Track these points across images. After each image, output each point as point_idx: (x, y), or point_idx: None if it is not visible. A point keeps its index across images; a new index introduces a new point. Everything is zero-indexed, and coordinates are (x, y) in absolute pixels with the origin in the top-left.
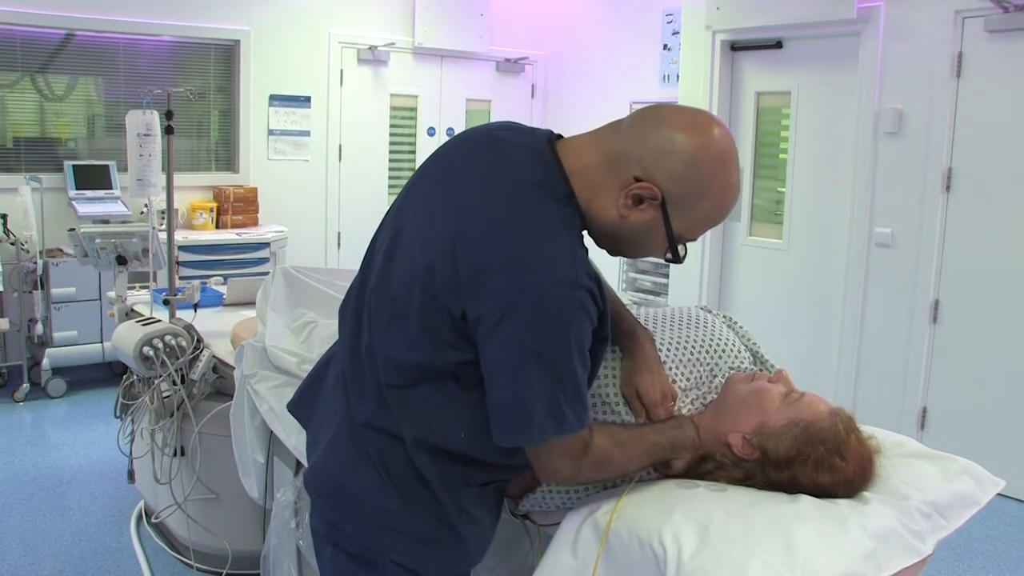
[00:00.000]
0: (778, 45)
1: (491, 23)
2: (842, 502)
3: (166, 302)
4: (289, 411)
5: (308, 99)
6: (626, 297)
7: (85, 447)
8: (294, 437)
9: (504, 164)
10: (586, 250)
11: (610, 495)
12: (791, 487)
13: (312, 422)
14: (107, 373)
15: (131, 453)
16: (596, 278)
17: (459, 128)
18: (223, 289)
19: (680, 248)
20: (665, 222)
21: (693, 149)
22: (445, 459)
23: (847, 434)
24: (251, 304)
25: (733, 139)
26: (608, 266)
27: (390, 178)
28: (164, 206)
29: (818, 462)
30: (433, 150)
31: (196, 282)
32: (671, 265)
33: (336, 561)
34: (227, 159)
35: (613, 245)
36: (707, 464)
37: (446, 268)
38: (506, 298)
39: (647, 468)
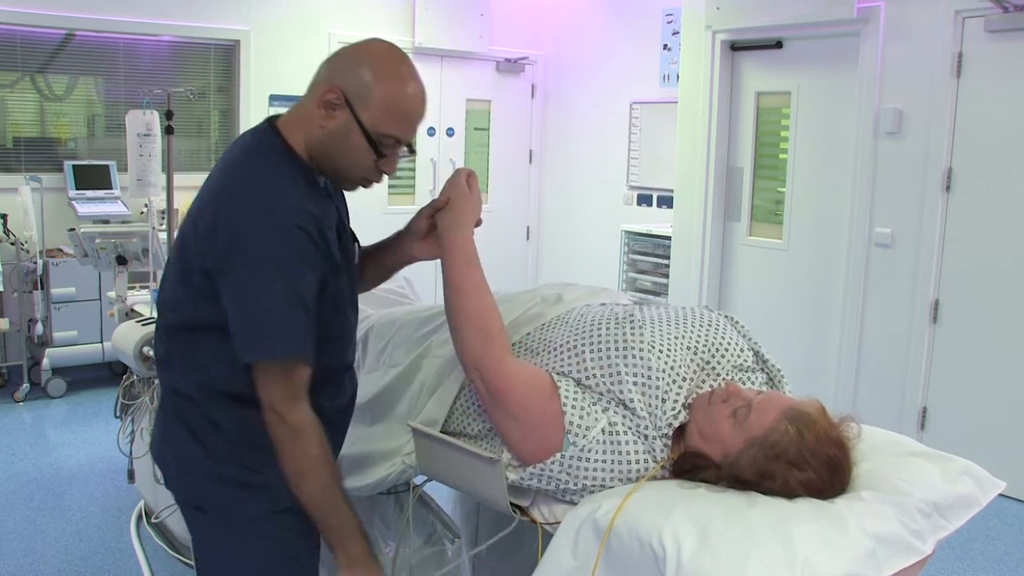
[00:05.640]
0: (778, 45)
1: (491, 23)
2: (840, 501)
3: None
4: None
5: None
6: (626, 297)
7: (85, 447)
8: None
9: (230, 151)
10: (327, 194)
11: (612, 495)
12: (778, 495)
13: None
14: (107, 373)
15: (131, 453)
16: (317, 221)
17: (459, 128)
18: None
19: (381, 143)
20: (355, 117)
21: (359, 52)
22: (232, 403)
23: (800, 436)
24: None
25: (402, 52)
26: (609, 269)
27: (390, 178)
28: (164, 206)
29: (785, 477)
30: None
31: None
32: (669, 266)
33: (186, 515)
34: None
35: (333, 168)
36: (706, 473)
37: (189, 232)
38: (226, 239)
39: (306, 500)
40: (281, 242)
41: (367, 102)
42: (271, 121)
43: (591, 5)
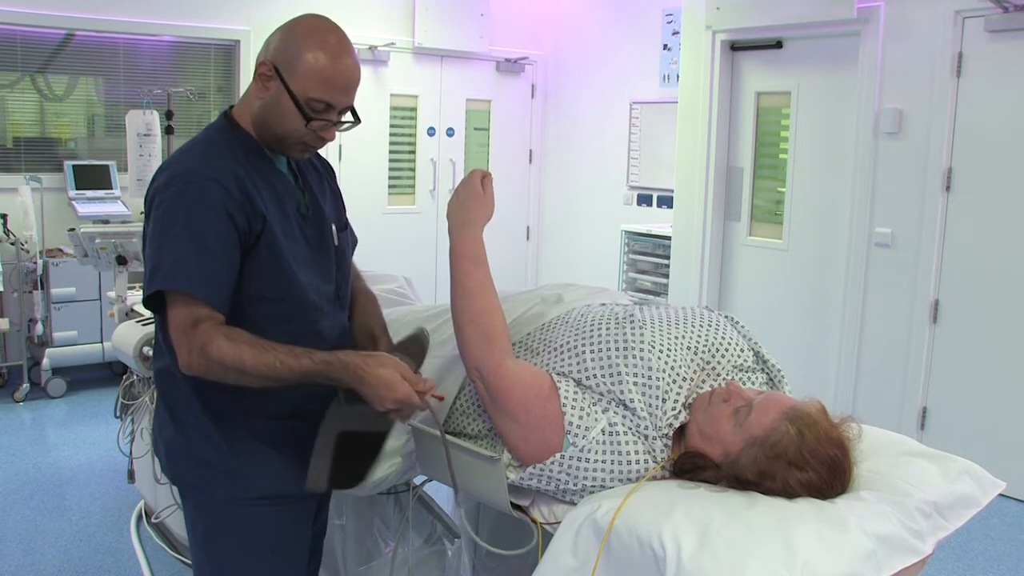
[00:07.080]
0: (778, 45)
1: (491, 23)
2: (840, 501)
3: None
4: None
5: None
6: (626, 297)
7: (85, 447)
8: None
9: None
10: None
11: (612, 495)
12: (778, 495)
13: None
14: (107, 373)
15: (131, 453)
16: (239, 180)
17: (459, 128)
18: None
19: (311, 107)
20: (284, 84)
21: (289, 27)
22: (206, 386)
23: (801, 436)
24: None
25: (334, 24)
26: (609, 269)
27: (390, 178)
28: None
29: (785, 477)
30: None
31: None
32: (669, 266)
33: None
34: None
35: (273, 136)
36: (706, 473)
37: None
38: (151, 193)
39: (273, 383)
40: (190, 191)
41: (295, 70)
42: (228, 108)
43: (591, 5)
